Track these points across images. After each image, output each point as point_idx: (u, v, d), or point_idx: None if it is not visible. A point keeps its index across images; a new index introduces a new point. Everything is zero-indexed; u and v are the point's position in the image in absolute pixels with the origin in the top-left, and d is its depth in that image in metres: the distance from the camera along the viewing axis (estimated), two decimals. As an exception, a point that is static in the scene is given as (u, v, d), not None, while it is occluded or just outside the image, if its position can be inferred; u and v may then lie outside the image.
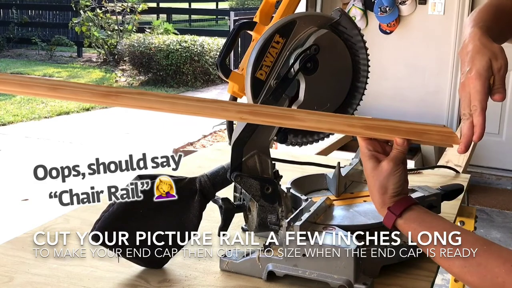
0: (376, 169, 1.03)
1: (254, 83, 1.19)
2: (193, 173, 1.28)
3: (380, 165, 1.03)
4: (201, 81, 10.35)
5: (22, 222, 4.16)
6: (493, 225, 4.17)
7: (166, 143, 6.18)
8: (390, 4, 4.85)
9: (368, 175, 1.04)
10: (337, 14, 1.23)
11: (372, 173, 1.04)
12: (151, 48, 9.99)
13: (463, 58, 1.05)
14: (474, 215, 1.81)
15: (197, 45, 10.08)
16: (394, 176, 1.03)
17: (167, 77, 10.06)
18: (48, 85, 0.99)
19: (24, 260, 1.26)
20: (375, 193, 1.04)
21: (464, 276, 0.96)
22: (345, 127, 1.04)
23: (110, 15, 11.77)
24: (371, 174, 1.04)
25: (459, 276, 0.98)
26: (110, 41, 11.86)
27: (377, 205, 1.05)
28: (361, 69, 1.26)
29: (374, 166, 1.03)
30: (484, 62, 1.02)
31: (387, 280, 1.17)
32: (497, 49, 1.04)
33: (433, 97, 5.02)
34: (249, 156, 1.22)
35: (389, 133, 1.04)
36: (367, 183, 1.06)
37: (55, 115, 7.92)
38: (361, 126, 1.03)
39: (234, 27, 1.26)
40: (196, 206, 1.23)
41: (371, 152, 1.04)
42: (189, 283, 1.19)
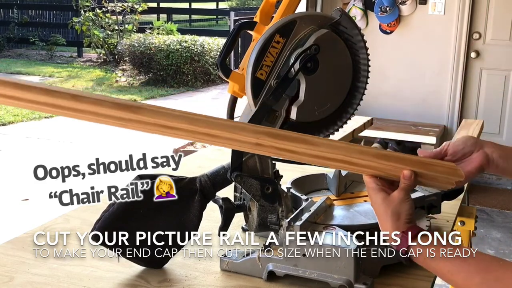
0: (387, 199, 1.04)
1: (254, 83, 1.19)
2: (193, 173, 1.28)
3: (391, 195, 1.04)
4: (201, 81, 10.35)
5: (23, 222, 4.16)
6: (493, 225, 4.17)
7: (167, 143, 6.18)
8: (391, 4, 4.85)
9: (379, 204, 1.05)
10: (338, 14, 1.23)
11: (383, 202, 1.04)
12: (151, 48, 9.98)
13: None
14: (474, 215, 1.81)
15: (197, 45, 10.08)
16: (406, 203, 1.04)
17: (168, 77, 10.06)
18: (69, 93, 0.94)
19: (24, 260, 1.26)
20: (388, 220, 1.04)
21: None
22: (357, 153, 1.04)
23: (110, 15, 11.76)
24: (383, 204, 1.04)
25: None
26: (110, 41, 11.85)
27: (390, 230, 1.04)
28: (361, 69, 1.26)
29: (384, 196, 1.04)
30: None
31: (387, 280, 1.17)
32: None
33: (433, 97, 5.02)
34: (249, 156, 1.22)
35: (398, 162, 1.05)
36: (376, 213, 1.06)
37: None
38: (373, 155, 1.04)
39: (234, 27, 1.26)
40: (197, 206, 1.23)
41: (379, 186, 1.06)
42: (189, 283, 1.19)
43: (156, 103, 8.93)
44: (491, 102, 4.93)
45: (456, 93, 4.94)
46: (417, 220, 1.34)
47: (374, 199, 1.05)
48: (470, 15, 4.79)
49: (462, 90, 4.94)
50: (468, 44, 4.86)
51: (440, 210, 1.42)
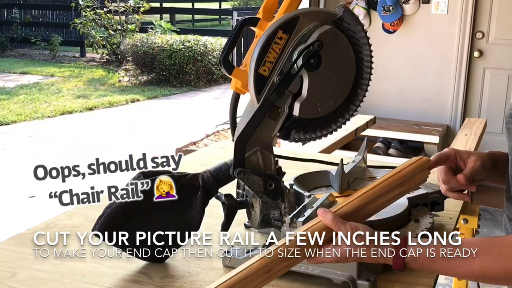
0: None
1: (257, 79, 1.19)
2: (196, 171, 1.27)
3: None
4: (204, 81, 10.35)
5: (29, 218, 4.17)
6: (496, 224, 4.16)
7: (169, 143, 6.18)
8: (394, 3, 4.85)
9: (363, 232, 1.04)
10: (341, 10, 1.22)
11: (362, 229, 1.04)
12: (154, 48, 9.99)
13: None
14: (477, 212, 1.80)
15: (200, 44, 10.08)
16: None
17: (170, 76, 10.07)
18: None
19: (27, 256, 1.26)
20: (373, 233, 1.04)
21: (487, 275, 0.98)
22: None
23: (112, 15, 11.77)
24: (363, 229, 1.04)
25: (482, 276, 1.00)
26: (113, 41, 11.87)
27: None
28: (364, 65, 1.26)
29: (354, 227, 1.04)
30: None
31: (390, 276, 1.17)
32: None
33: (436, 96, 5.01)
34: (252, 152, 1.22)
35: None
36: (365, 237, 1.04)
37: (58, 114, 7.93)
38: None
39: (237, 23, 1.25)
40: (199, 202, 1.23)
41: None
42: (192, 279, 1.19)
43: (159, 102, 8.95)
44: (494, 102, 4.92)
45: (459, 93, 4.93)
46: (420, 217, 1.34)
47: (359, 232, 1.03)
48: (473, 14, 4.78)
49: (465, 90, 4.93)
50: (471, 43, 4.85)
51: (443, 207, 1.41)
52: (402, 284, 1.16)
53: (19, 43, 14.15)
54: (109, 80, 10.59)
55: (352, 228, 1.01)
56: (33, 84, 9.91)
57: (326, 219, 1.02)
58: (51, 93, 9.16)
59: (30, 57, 13.23)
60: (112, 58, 12.05)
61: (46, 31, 14.14)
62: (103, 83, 10.25)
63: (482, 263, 0.98)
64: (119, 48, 11.39)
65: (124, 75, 10.78)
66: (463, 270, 1.00)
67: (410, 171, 1.15)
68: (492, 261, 0.98)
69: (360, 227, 1.02)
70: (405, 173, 1.15)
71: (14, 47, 14.04)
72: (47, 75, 11.05)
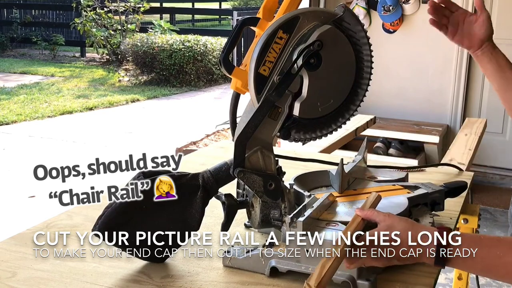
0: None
1: (257, 78, 1.19)
2: (196, 171, 1.27)
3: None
4: (204, 81, 10.35)
5: (29, 218, 4.17)
6: (496, 224, 4.16)
7: (169, 143, 6.18)
8: (394, 3, 4.84)
9: (402, 224, 1.08)
10: (341, 10, 1.22)
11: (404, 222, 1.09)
12: (154, 48, 9.99)
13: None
14: (477, 212, 1.80)
15: (200, 44, 10.08)
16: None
17: (170, 76, 10.06)
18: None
19: (27, 256, 1.26)
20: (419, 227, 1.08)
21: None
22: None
23: (112, 15, 11.77)
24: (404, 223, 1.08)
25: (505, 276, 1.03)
26: (113, 41, 11.86)
27: (430, 230, 1.07)
28: (364, 65, 1.26)
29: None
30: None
31: (390, 276, 1.17)
32: None
33: (436, 96, 5.01)
34: (252, 152, 1.22)
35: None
36: (404, 233, 1.06)
37: (58, 114, 7.93)
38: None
39: (237, 23, 1.25)
40: (199, 202, 1.22)
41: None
42: (192, 279, 1.19)
43: (159, 102, 8.95)
44: (495, 101, 4.91)
45: (460, 92, 4.93)
46: (420, 217, 1.34)
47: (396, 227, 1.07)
48: (473, 14, 4.77)
49: (465, 89, 4.93)
50: (471, 43, 4.83)
51: (443, 207, 1.41)
52: (402, 284, 1.16)
53: (19, 43, 14.15)
54: (109, 80, 10.59)
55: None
56: (33, 84, 9.91)
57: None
58: (51, 93, 9.16)
59: (30, 57, 13.23)
60: (112, 58, 12.05)
61: (46, 31, 14.13)
62: (103, 83, 10.25)
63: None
64: (119, 48, 11.39)
65: (124, 75, 10.78)
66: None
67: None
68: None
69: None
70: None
71: (14, 47, 14.04)
72: (47, 75, 11.05)
